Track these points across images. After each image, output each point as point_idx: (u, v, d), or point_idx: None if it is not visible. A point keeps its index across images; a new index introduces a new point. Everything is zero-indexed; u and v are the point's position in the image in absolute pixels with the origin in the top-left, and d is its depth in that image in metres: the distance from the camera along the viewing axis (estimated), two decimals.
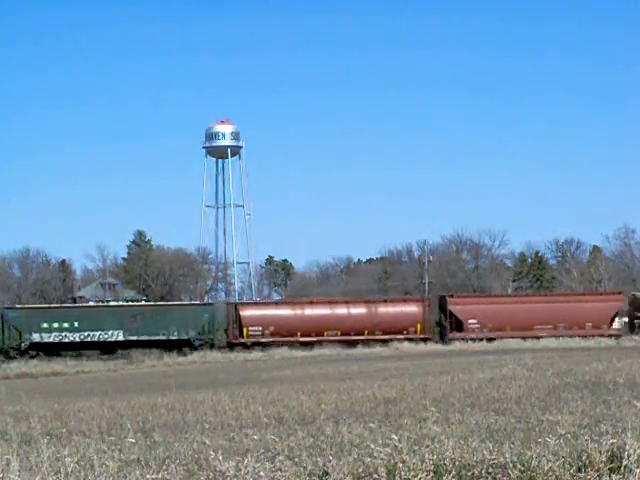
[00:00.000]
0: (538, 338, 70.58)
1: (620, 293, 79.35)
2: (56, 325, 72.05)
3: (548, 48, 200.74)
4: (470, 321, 74.12)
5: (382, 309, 74.96)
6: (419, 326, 73.78)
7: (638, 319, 77.07)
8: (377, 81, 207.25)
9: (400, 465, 10.53)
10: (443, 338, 74.09)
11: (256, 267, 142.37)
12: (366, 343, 71.23)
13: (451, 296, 78.50)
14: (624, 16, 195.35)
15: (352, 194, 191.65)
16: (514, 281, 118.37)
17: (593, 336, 71.62)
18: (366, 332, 73.06)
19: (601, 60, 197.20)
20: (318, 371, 43.55)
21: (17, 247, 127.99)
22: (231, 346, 72.73)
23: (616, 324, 75.58)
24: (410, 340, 71.87)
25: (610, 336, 72.25)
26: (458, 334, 73.43)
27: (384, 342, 71.45)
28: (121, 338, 72.26)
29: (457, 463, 10.65)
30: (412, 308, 75.16)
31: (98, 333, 72.21)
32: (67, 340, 72.11)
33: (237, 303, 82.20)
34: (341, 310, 74.88)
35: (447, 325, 74.91)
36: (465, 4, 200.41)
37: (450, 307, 75.04)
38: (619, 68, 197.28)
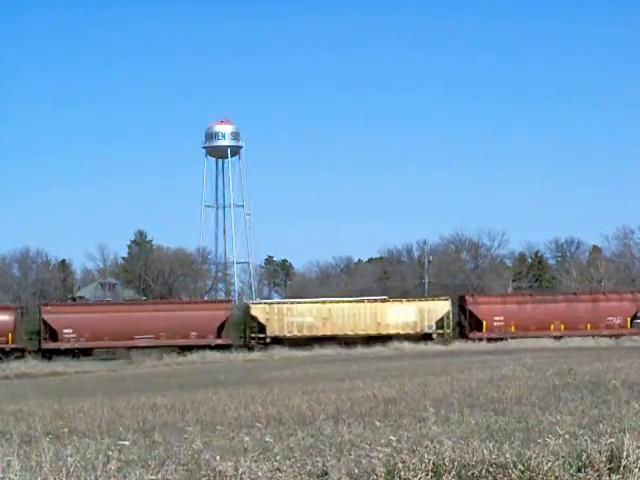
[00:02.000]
0: (137, 348, 68.81)
1: (229, 302, 76.08)
2: None
3: (547, 48, 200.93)
4: (65, 331, 70.80)
5: None
6: (10, 336, 70.22)
7: (252, 330, 74.06)
8: (377, 81, 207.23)
9: (400, 465, 10.52)
10: (39, 349, 70.97)
11: (256, 267, 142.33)
12: None
13: (45, 305, 75.45)
14: (625, 16, 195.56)
15: (352, 194, 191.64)
16: (514, 281, 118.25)
17: (197, 347, 69.17)
18: None
19: (600, 60, 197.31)
20: (318, 371, 43.56)
21: (17, 247, 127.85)
22: None
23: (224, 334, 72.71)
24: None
25: (217, 346, 69.87)
26: (53, 344, 70.54)
27: None
28: None
29: (457, 463, 10.64)
30: (3, 317, 71.23)
31: None
32: None
33: None
34: None
35: (43, 335, 71.37)
36: (465, 4, 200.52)
37: (44, 316, 71.70)
38: (618, 68, 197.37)
